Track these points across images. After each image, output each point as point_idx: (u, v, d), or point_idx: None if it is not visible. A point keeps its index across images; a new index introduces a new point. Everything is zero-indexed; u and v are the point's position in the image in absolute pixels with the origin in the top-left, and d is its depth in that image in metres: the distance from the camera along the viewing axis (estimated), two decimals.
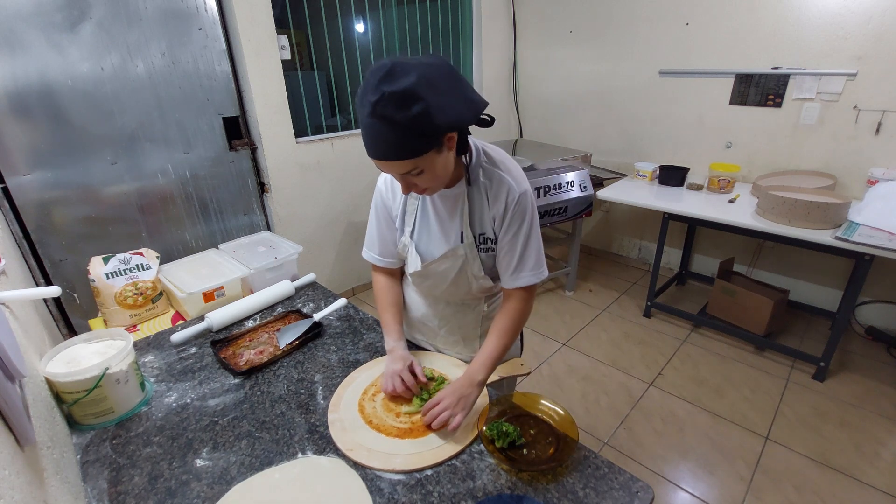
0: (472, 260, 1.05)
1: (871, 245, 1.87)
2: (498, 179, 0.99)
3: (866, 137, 2.35)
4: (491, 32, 3.49)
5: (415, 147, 0.81)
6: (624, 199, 2.65)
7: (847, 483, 1.74)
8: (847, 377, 2.29)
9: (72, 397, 0.92)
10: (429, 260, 1.08)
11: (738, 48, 2.61)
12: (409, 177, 0.87)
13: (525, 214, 0.99)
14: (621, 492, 0.80)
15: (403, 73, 0.76)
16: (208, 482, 0.83)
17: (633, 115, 3.18)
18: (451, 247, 1.04)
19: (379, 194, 1.11)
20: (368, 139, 0.82)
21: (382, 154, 0.82)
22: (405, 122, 0.77)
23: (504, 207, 0.98)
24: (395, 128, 0.77)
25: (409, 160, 0.82)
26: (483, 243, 1.04)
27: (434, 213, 1.05)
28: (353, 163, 2.94)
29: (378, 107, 0.76)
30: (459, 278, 1.09)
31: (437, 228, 1.06)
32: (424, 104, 0.76)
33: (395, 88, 0.75)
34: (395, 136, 0.79)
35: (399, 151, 0.81)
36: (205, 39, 2.17)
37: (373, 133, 0.80)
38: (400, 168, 0.85)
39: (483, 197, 1.00)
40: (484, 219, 1.02)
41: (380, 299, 1.19)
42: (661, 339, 2.66)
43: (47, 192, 1.90)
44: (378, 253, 1.17)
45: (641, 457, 1.89)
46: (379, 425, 0.94)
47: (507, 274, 1.04)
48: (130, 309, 1.35)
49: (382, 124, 0.78)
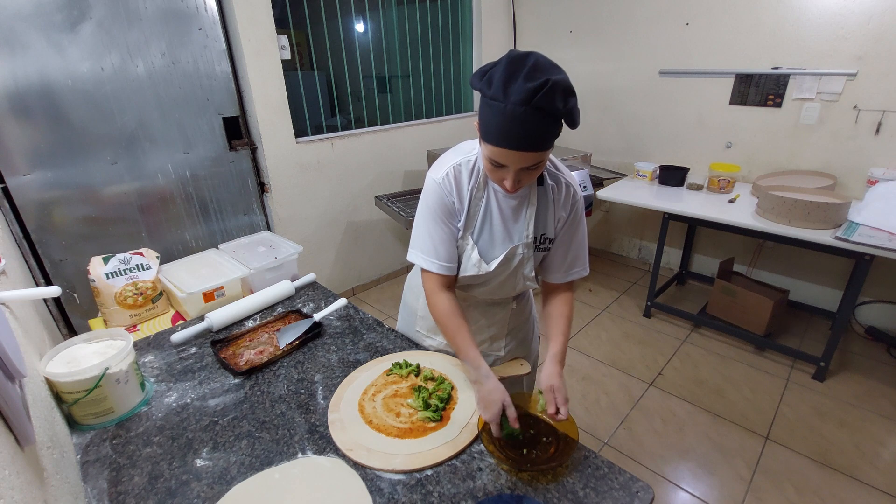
0: (527, 260, 1.06)
1: (871, 245, 1.87)
2: (565, 183, 1.03)
3: (866, 137, 2.35)
4: (491, 32, 3.49)
5: (553, 138, 0.81)
6: (624, 199, 2.65)
7: (847, 483, 1.74)
8: (847, 377, 2.29)
9: (72, 397, 0.92)
10: (489, 260, 1.03)
11: (738, 48, 2.61)
12: (529, 170, 0.86)
13: (582, 215, 1.07)
14: (621, 492, 0.80)
15: (553, 65, 0.77)
16: (208, 482, 0.83)
17: (633, 115, 3.18)
18: (512, 245, 1.04)
19: (437, 195, 1.00)
20: (514, 127, 0.78)
21: (527, 144, 0.80)
22: (563, 113, 0.77)
23: (570, 209, 1.04)
24: (549, 118, 0.77)
25: (544, 152, 0.83)
26: (542, 243, 1.06)
27: (499, 213, 1.02)
28: (353, 163, 2.94)
29: (540, 96, 0.75)
30: (509, 279, 1.09)
31: (501, 229, 1.03)
32: (576, 99, 0.78)
33: (559, 78, 0.75)
34: (546, 126, 0.78)
35: (545, 142, 0.81)
36: (205, 39, 2.17)
37: (523, 122, 0.77)
38: (531, 159, 0.83)
39: (549, 198, 1.02)
40: (548, 219, 1.04)
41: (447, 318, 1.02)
42: (661, 339, 2.66)
43: (47, 192, 1.90)
44: (435, 256, 1.03)
45: (641, 457, 1.89)
46: (379, 425, 0.94)
47: (560, 269, 1.09)
48: (130, 309, 1.34)
49: (538, 113, 0.76)
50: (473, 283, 1.10)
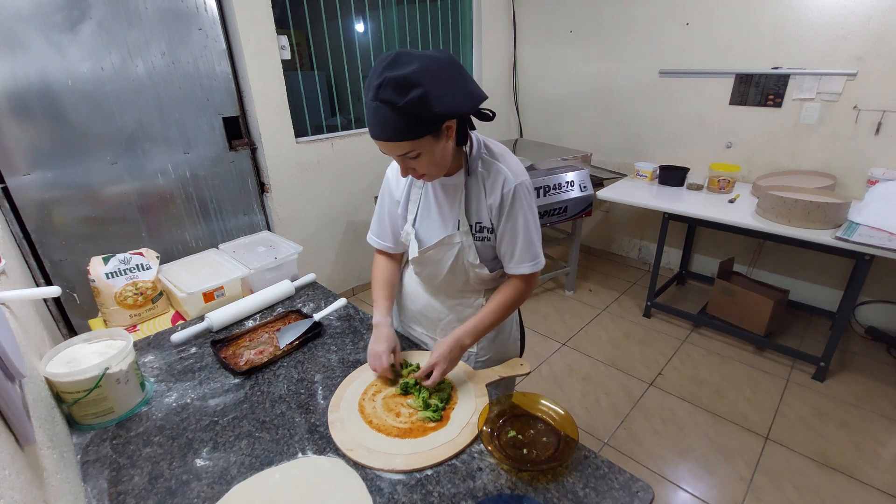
0: (467, 248, 1.09)
1: (871, 245, 1.87)
2: (495, 171, 1.03)
3: (866, 137, 2.34)
4: (491, 32, 3.49)
5: (412, 130, 0.87)
6: (624, 199, 2.65)
7: (847, 483, 1.74)
8: (847, 377, 2.29)
9: (72, 397, 0.92)
10: (425, 244, 1.11)
11: (738, 48, 2.61)
12: (407, 159, 0.93)
13: (521, 205, 1.03)
14: (621, 492, 0.80)
15: (407, 61, 0.83)
16: (208, 482, 0.83)
17: (634, 115, 3.18)
18: (448, 234, 1.08)
19: (387, 181, 1.18)
20: (371, 120, 0.88)
21: (382, 135, 0.88)
22: (403, 106, 0.83)
23: (500, 198, 1.03)
24: (394, 110, 0.83)
25: (407, 142, 0.88)
26: (479, 232, 1.08)
27: (435, 201, 1.10)
28: (353, 163, 2.94)
29: (381, 90, 0.82)
30: (456, 266, 1.12)
31: (437, 216, 1.10)
32: (422, 90, 0.82)
33: (395, 74, 0.81)
34: (394, 119, 0.85)
35: (397, 133, 0.87)
36: (205, 39, 2.17)
37: (374, 115, 0.86)
38: (398, 149, 0.91)
39: (480, 187, 1.05)
40: (481, 208, 1.06)
41: (374, 276, 1.25)
42: (661, 339, 2.66)
43: (47, 192, 1.90)
44: (376, 235, 1.24)
45: (641, 457, 1.89)
46: (379, 425, 0.94)
47: (508, 262, 1.10)
48: (130, 309, 1.35)
49: (384, 107, 0.84)
50: (423, 268, 1.18)
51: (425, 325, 1.29)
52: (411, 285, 1.29)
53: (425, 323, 1.28)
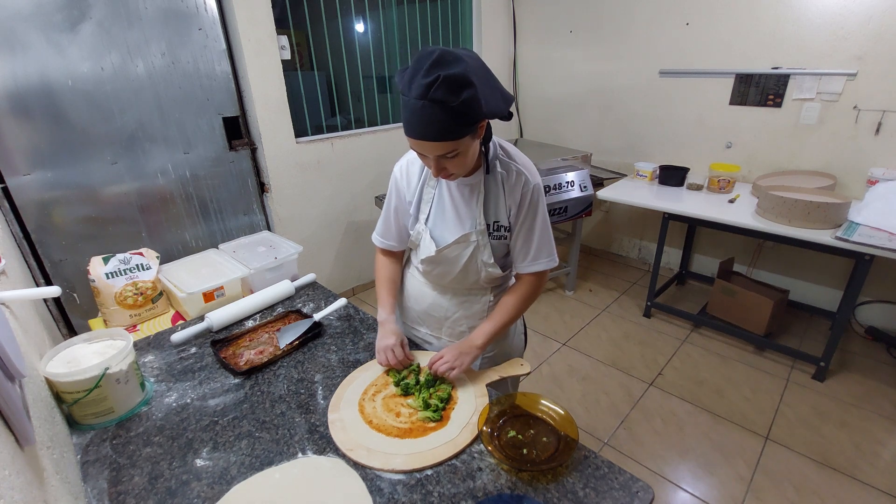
0: (483, 246, 1.09)
1: (871, 245, 1.87)
2: (515, 171, 1.05)
3: (866, 137, 2.34)
4: (491, 32, 3.49)
5: (459, 130, 0.86)
6: (624, 199, 2.65)
7: (847, 483, 1.74)
8: (847, 377, 2.29)
9: (72, 397, 0.92)
10: (441, 243, 1.11)
11: (738, 48, 2.61)
12: (443, 159, 0.92)
13: (539, 205, 1.06)
14: (621, 492, 0.80)
15: (454, 59, 0.81)
16: (208, 482, 0.83)
17: (634, 115, 3.18)
18: (465, 232, 1.08)
19: (394, 181, 1.16)
20: (416, 120, 0.86)
21: (428, 135, 0.87)
22: (456, 106, 0.82)
23: (521, 198, 1.05)
24: (445, 110, 0.82)
25: (451, 142, 0.88)
26: (496, 230, 1.08)
27: (450, 200, 1.09)
28: (353, 163, 2.94)
29: (433, 89, 0.81)
30: (469, 265, 1.12)
31: (453, 215, 1.10)
32: (474, 90, 0.81)
33: (450, 72, 0.80)
34: (444, 118, 0.84)
35: (445, 133, 0.86)
36: (205, 39, 2.17)
37: (422, 114, 0.84)
38: (440, 149, 0.89)
39: (500, 187, 1.05)
40: (499, 207, 1.07)
41: (377, 275, 1.25)
42: (661, 339, 2.66)
43: (47, 192, 1.90)
44: (381, 235, 1.24)
45: (641, 457, 1.89)
46: (379, 425, 0.94)
47: (523, 260, 1.10)
48: (130, 309, 1.35)
49: (434, 106, 0.82)
50: (435, 267, 1.17)
51: (430, 325, 1.28)
52: (415, 286, 1.28)
53: (430, 322, 1.28)
